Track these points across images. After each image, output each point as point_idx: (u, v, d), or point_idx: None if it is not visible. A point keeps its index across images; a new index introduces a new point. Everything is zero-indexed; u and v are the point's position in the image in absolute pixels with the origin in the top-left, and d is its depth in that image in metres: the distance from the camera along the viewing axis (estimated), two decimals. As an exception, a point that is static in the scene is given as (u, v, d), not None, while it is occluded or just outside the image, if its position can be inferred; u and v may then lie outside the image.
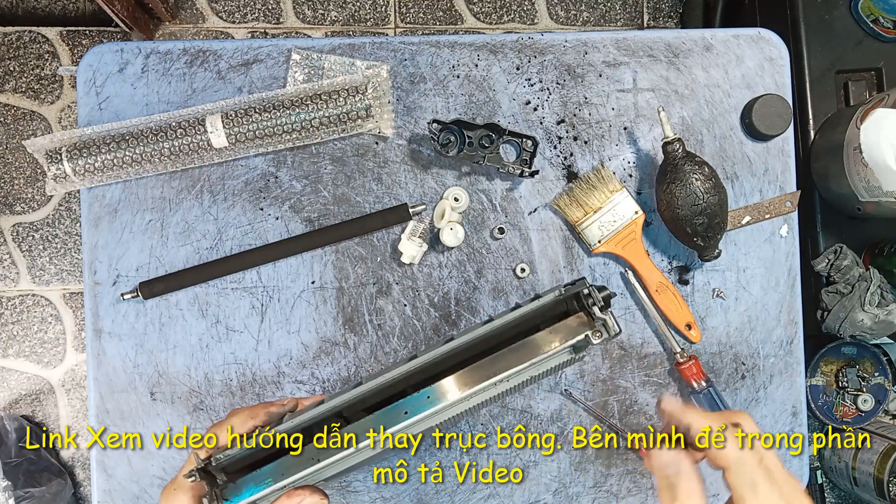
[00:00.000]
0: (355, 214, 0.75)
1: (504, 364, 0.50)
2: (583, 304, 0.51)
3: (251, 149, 0.73)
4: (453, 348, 0.52)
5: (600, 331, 0.50)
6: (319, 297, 0.75)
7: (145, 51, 0.75)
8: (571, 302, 0.53)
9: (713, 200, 0.70)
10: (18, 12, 1.55)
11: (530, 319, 0.54)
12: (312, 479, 0.50)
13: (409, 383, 0.52)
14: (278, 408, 0.53)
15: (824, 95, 1.05)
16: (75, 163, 0.70)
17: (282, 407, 0.54)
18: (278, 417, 0.53)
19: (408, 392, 0.51)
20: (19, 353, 1.51)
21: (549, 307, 0.53)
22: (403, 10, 1.59)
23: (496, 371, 0.50)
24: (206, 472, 0.49)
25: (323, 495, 0.49)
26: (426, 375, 0.52)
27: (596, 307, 0.50)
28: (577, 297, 0.52)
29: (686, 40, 0.78)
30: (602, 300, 0.50)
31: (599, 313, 0.50)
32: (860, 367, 1.08)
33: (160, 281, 0.73)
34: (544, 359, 0.50)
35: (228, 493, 0.48)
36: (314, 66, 0.75)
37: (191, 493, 0.49)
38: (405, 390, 0.52)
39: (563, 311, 0.54)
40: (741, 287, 0.78)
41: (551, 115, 0.77)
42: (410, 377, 0.52)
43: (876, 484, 1.05)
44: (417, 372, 0.52)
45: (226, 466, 0.50)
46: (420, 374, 0.52)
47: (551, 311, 0.54)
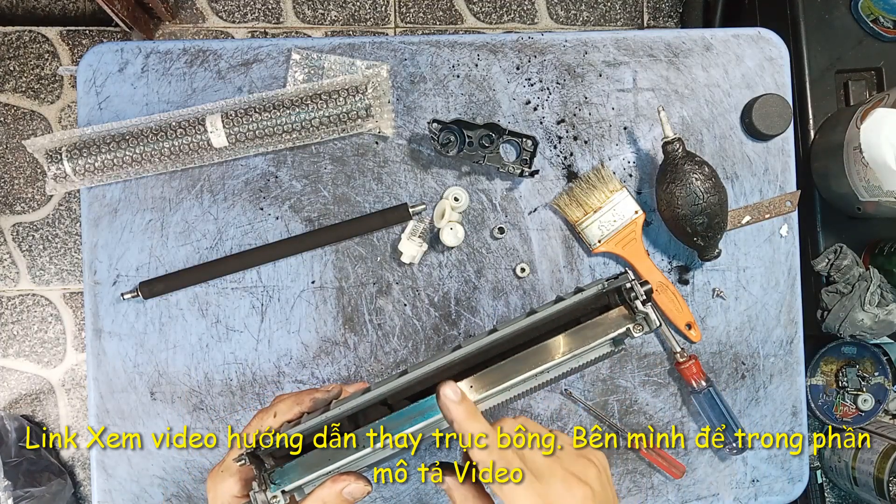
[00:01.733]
0: (355, 214, 0.75)
1: (547, 355, 0.51)
2: (624, 297, 0.52)
3: (251, 149, 0.73)
4: (496, 339, 0.52)
5: (641, 324, 0.51)
6: (319, 297, 0.75)
7: (145, 50, 0.75)
8: (613, 296, 0.54)
9: (713, 200, 0.70)
10: (18, 12, 1.55)
11: (572, 312, 0.54)
12: (356, 466, 0.51)
13: (452, 372, 0.53)
14: (323, 394, 0.54)
15: (824, 95, 1.05)
16: (75, 162, 0.70)
17: (326, 393, 0.54)
18: (324, 404, 0.53)
19: (460, 378, 0.51)
20: (19, 353, 1.51)
21: (591, 300, 0.54)
22: (403, 10, 1.59)
23: (540, 362, 0.51)
24: (254, 457, 0.49)
25: (367, 482, 0.49)
26: (469, 365, 0.53)
27: (638, 301, 0.51)
28: (619, 291, 0.53)
29: (686, 40, 0.78)
30: (644, 294, 0.51)
31: (641, 307, 0.51)
32: (860, 367, 1.08)
33: (160, 281, 0.73)
34: (586, 350, 0.52)
35: (276, 478, 0.49)
36: (314, 65, 0.75)
37: (238, 476, 0.50)
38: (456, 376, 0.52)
39: (604, 305, 0.55)
40: (741, 287, 0.78)
41: (551, 114, 0.77)
42: (455, 366, 0.52)
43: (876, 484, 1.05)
44: (462, 361, 0.52)
45: (273, 451, 0.51)
46: (464, 363, 0.53)
47: (593, 304, 0.55)
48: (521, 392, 0.53)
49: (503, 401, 0.53)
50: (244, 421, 0.74)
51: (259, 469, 0.49)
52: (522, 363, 0.51)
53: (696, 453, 0.78)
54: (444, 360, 0.52)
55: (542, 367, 0.51)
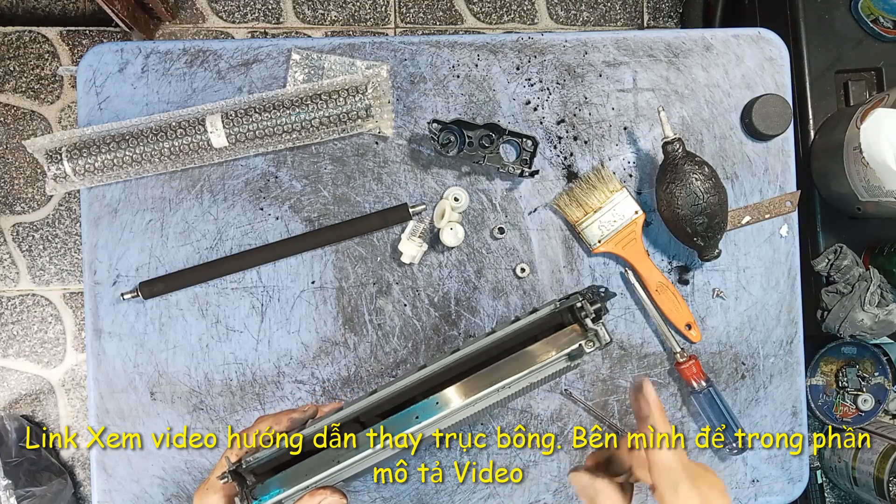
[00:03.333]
0: (355, 214, 0.75)
1: (505, 372, 0.55)
2: (576, 316, 0.57)
3: (251, 149, 0.73)
4: (459, 358, 0.57)
5: (593, 340, 0.55)
6: (319, 297, 0.75)
7: (145, 51, 0.75)
8: (567, 314, 0.58)
9: (713, 200, 0.70)
10: (18, 12, 1.55)
11: (529, 331, 0.59)
12: (333, 480, 0.55)
13: (419, 391, 0.58)
14: (300, 414, 0.58)
15: (824, 95, 1.05)
16: (75, 163, 0.70)
17: (303, 413, 0.59)
18: (300, 423, 0.58)
19: (418, 399, 0.56)
20: (19, 353, 1.51)
21: (546, 319, 0.58)
22: (403, 10, 1.59)
23: (498, 379, 0.55)
24: (236, 474, 0.54)
25: (342, 495, 0.54)
26: (434, 384, 0.58)
27: (588, 319, 0.55)
28: (572, 310, 0.57)
29: (686, 40, 0.78)
30: (594, 312, 0.56)
31: (591, 324, 0.55)
32: (860, 367, 1.08)
33: (160, 281, 0.73)
34: (542, 367, 0.56)
35: (257, 493, 0.53)
36: (314, 66, 0.75)
37: (222, 493, 0.55)
38: (416, 397, 0.58)
39: (558, 323, 0.59)
40: (741, 287, 0.78)
41: (551, 115, 0.77)
42: (420, 385, 0.57)
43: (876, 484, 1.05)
44: (426, 380, 0.57)
45: (255, 469, 0.56)
46: (429, 382, 0.58)
47: (548, 323, 0.59)
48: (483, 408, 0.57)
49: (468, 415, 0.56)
50: (244, 421, 0.74)
51: (241, 486, 0.54)
52: (484, 380, 0.55)
53: (696, 453, 0.78)
54: (410, 379, 0.57)
55: (502, 383, 0.55)
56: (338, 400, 0.73)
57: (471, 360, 0.58)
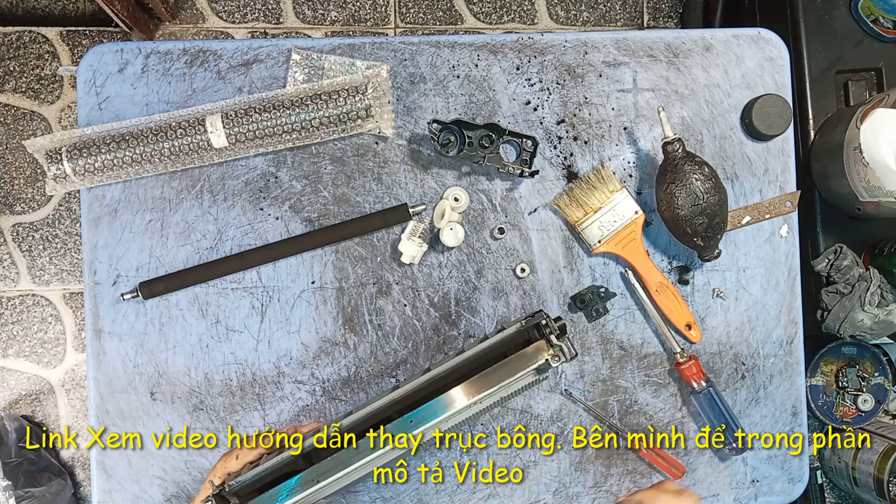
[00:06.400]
0: (355, 214, 0.75)
1: (477, 388, 0.59)
2: (542, 333, 0.61)
3: (251, 149, 0.73)
4: (431, 378, 0.62)
5: (558, 355, 0.59)
6: (319, 297, 0.75)
7: (145, 51, 0.75)
8: (533, 331, 0.63)
9: (713, 200, 0.70)
10: (18, 12, 1.55)
11: (498, 348, 0.63)
12: (313, 499, 0.58)
13: (394, 409, 0.63)
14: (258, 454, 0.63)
15: (824, 95, 1.05)
16: (75, 163, 0.70)
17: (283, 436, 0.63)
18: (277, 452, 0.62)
19: (393, 417, 0.60)
20: (19, 353, 1.51)
21: (514, 337, 0.63)
22: (403, 10, 1.59)
23: (470, 394, 0.59)
24: (220, 497, 0.57)
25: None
26: (409, 402, 0.62)
27: (553, 335, 0.59)
28: (538, 327, 0.61)
29: (686, 40, 0.78)
30: (558, 329, 0.60)
31: (556, 340, 0.59)
32: (860, 367, 1.08)
33: (160, 281, 0.73)
34: (512, 381, 0.60)
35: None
36: (314, 66, 0.75)
37: None
38: (391, 416, 0.62)
39: (526, 340, 0.63)
40: (741, 287, 0.78)
41: (551, 115, 0.77)
42: (395, 404, 0.62)
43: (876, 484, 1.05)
44: (401, 399, 0.62)
45: (238, 491, 0.59)
46: (403, 401, 0.62)
47: (515, 340, 0.63)
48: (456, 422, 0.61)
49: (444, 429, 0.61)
50: (244, 421, 0.74)
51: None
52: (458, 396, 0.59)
53: (696, 453, 0.78)
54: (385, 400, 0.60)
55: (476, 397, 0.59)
56: (317, 421, 0.74)
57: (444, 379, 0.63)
